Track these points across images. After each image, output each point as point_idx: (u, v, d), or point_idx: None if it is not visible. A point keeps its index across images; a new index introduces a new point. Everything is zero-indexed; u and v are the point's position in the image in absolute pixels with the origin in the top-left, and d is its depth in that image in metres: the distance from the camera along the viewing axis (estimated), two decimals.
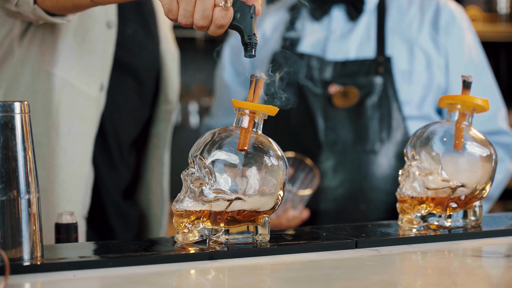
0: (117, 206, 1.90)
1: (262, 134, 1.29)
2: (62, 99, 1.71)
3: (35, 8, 1.50)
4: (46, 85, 1.70)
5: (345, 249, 1.32)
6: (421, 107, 2.00)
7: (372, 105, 1.97)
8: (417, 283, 1.14)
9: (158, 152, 1.98)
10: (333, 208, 1.98)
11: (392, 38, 2.02)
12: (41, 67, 1.70)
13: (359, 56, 2.02)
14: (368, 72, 1.99)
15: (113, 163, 1.87)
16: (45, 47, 1.70)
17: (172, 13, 1.29)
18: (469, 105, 1.44)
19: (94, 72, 1.75)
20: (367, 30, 2.04)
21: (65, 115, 1.72)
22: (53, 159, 1.71)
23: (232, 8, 1.27)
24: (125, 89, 1.87)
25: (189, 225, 1.26)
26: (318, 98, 2.00)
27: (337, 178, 1.98)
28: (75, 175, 1.73)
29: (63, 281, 1.11)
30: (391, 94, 1.97)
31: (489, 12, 4.63)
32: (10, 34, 1.69)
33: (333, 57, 2.03)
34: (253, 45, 1.29)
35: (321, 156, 1.98)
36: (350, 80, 1.99)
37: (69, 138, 1.72)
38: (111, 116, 1.84)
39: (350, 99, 1.98)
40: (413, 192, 1.43)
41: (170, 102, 1.97)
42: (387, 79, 1.97)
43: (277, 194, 1.27)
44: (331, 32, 2.05)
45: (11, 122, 1.15)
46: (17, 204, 1.15)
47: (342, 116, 1.99)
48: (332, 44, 2.04)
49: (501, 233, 1.45)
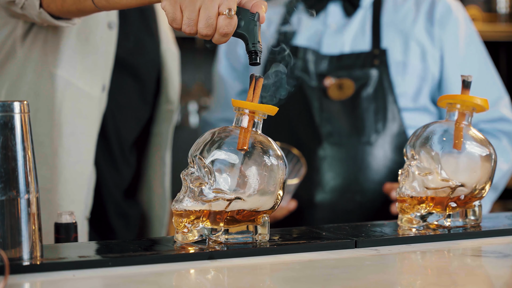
0: (118, 206, 1.90)
1: (262, 134, 1.29)
2: (65, 100, 1.71)
3: (40, 12, 1.51)
4: (49, 86, 1.70)
5: (344, 248, 1.32)
6: (416, 99, 2.00)
7: (368, 97, 1.98)
8: (417, 283, 1.14)
9: (159, 152, 1.98)
10: (328, 199, 1.98)
11: (387, 31, 2.03)
12: (44, 68, 1.70)
13: (354, 49, 2.03)
14: (364, 65, 2.00)
15: (115, 163, 1.87)
16: (48, 47, 1.70)
17: (176, 22, 1.29)
18: (469, 105, 1.44)
19: (96, 72, 1.75)
20: (362, 24, 2.05)
21: (68, 115, 1.72)
22: (56, 159, 1.71)
23: (236, 16, 1.27)
24: (127, 89, 1.87)
25: (188, 225, 1.26)
26: (314, 91, 2.01)
27: (332, 169, 1.98)
28: (78, 176, 1.74)
29: (62, 281, 1.11)
30: (386, 86, 1.97)
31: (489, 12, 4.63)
32: (13, 35, 1.69)
33: (328, 51, 2.03)
34: (257, 53, 1.29)
35: (317, 148, 1.99)
36: (346, 73, 2.00)
37: (72, 139, 1.73)
38: (113, 116, 1.84)
39: (346, 91, 1.99)
40: (412, 192, 1.43)
41: (171, 102, 1.97)
42: (383, 71, 1.98)
43: (276, 194, 1.27)
44: (326, 26, 2.06)
45: (11, 122, 1.15)
46: (17, 204, 1.15)
47: (337, 108, 1.99)
48: (328, 38, 2.05)
49: (501, 233, 1.45)
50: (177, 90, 1.99)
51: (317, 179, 1.99)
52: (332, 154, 1.99)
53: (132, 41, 1.87)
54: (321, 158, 1.99)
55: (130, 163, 1.92)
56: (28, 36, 1.69)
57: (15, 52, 1.70)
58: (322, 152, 1.99)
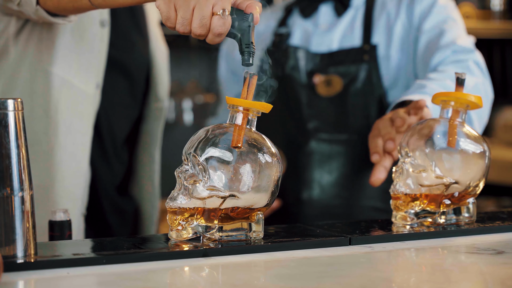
0: (114, 203, 1.91)
1: (256, 131, 1.29)
2: (61, 98, 1.72)
3: (37, 9, 1.52)
4: (44, 84, 1.71)
5: (339, 246, 1.32)
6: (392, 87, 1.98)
7: (356, 93, 1.97)
8: (411, 280, 1.15)
9: (148, 150, 1.99)
10: (315, 195, 1.98)
11: (377, 27, 2.03)
12: (39, 66, 1.71)
13: (342, 46, 2.03)
14: (354, 61, 1.99)
15: (108, 160, 1.88)
16: (43, 45, 1.71)
17: (170, 21, 1.29)
18: (463, 102, 1.44)
19: (91, 70, 1.76)
20: (351, 22, 2.05)
21: (63, 113, 1.73)
22: (52, 157, 1.72)
23: (230, 17, 1.28)
24: (118, 87, 1.88)
25: (183, 222, 1.26)
26: (303, 88, 2.01)
27: (320, 166, 1.98)
28: (75, 173, 1.75)
29: (56, 279, 1.11)
30: (375, 81, 1.97)
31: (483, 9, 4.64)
32: (5, 33, 1.69)
33: (316, 49, 2.04)
34: (250, 54, 1.30)
35: (304, 144, 1.99)
36: (335, 70, 2.00)
37: (68, 136, 1.74)
38: (106, 114, 1.85)
39: (334, 88, 1.99)
40: (406, 189, 1.43)
41: (160, 100, 1.98)
42: (372, 67, 1.98)
43: (271, 191, 1.27)
44: (317, 27, 2.07)
45: (4, 120, 1.15)
46: (11, 201, 1.14)
47: (325, 104, 1.99)
48: (317, 37, 2.06)
49: (495, 230, 1.45)
50: (166, 88, 2.00)
51: (304, 175, 1.99)
52: (319, 150, 1.99)
53: (123, 39, 1.88)
54: (308, 155, 1.99)
55: (122, 160, 1.93)
56: (21, 34, 1.70)
57: (8, 50, 1.70)
58: (309, 149, 1.99)
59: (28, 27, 1.70)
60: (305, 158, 1.99)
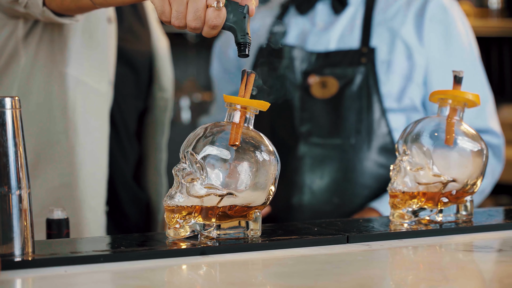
0: (132, 192, 1.94)
1: (254, 129, 1.29)
2: (76, 98, 1.74)
3: (44, 10, 1.53)
4: (60, 85, 1.73)
5: (336, 244, 1.32)
6: (400, 99, 1.94)
7: (351, 96, 1.93)
8: (409, 278, 1.15)
9: (155, 140, 2.01)
10: (306, 200, 1.95)
11: (377, 30, 1.99)
12: (53, 67, 1.73)
13: (340, 47, 2.00)
14: (351, 63, 1.96)
15: (125, 151, 1.92)
16: (56, 47, 1.72)
17: (165, 15, 1.29)
18: (460, 100, 1.44)
19: (102, 68, 1.78)
20: (351, 22, 2.01)
21: (81, 112, 1.75)
22: (74, 156, 1.74)
23: (224, 9, 1.27)
24: (126, 80, 1.90)
25: (180, 221, 1.26)
26: (297, 89, 1.98)
27: (311, 170, 1.94)
28: (97, 170, 1.77)
29: (54, 277, 1.11)
30: (372, 85, 1.93)
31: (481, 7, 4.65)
32: (13, 36, 1.70)
33: (313, 48, 2.00)
34: (246, 45, 1.29)
35: (296, 148, 1.96)
36: (331, 71, 1.96)
37: (87, 135, 1.76)
38: (119, 107, 1.88)
39: (329, 90, 1.95)
40: (404, 187, 1.43)
41: (164, 90, 1.99)
42: (369, 70, 1.94)
43: (268, 189, 1.27)
44: (314, 25, 2.04)
45: (2, 118, 1.14)
46: (8, 199, 1.14)
47: (319, 107, 1.96)
48: (314, 35, 2.02)
49: (492, 228, 1.45)
50: (170, 78, 2.02)
51: (295, 179, 1.95)
52: (311, 154, 1.95)
53: (128, 32, 1.90)
54: (299, 158, 1.95)
55: (135, 149, 1.96)
56: (30, 37, 1.71)
57: (19, 54, 1.71)
58: (300, 152, 1.96)
59: (37, 29, 1.71)
60: (296, 162, 1.95)
